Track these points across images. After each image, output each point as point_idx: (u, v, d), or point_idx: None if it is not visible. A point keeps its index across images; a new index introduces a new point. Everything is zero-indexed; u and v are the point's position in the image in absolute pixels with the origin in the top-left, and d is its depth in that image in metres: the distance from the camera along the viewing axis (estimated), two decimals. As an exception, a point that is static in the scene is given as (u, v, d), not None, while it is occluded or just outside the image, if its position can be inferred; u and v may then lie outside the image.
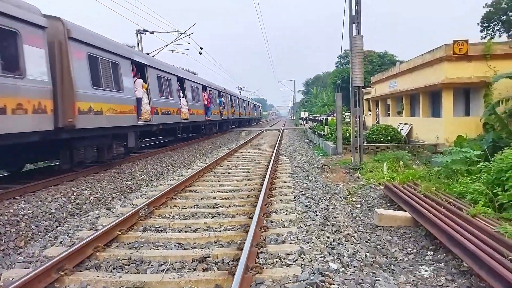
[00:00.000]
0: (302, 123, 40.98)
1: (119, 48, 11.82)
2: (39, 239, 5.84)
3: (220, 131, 27.50)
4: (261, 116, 72.78)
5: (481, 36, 32.54)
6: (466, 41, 14.74)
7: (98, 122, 9.90)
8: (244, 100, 44.35)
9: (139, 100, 12.73)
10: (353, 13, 11.07)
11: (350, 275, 3.79)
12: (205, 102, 21.85)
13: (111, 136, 11.28)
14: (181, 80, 18.24)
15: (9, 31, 7.21)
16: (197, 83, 21.55)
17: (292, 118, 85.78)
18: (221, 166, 12.05)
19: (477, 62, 14.77)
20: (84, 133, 9.61)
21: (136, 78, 13.01)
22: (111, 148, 11.36)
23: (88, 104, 9.43)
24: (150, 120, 13.72)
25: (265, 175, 8.98)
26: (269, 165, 10.60)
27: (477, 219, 5.65)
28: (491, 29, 37.41)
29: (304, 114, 43.27)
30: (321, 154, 15.96)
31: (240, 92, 61.66)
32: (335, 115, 22.60)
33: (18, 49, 7.40)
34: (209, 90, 23.79)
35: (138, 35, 22.04)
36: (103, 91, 10.33)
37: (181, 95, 17.92)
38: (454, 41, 14.73)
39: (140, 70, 13.84)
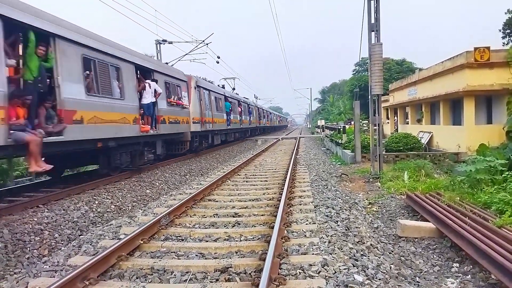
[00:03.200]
0: (319, 131, 40.76)
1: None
2: (63, 247, 5.92)
3: (274, 130, 52.77)
4: (288, 124, 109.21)
5: (503, 43, 31.77)
6: (488, 47, 14.47)
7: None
8: (281, 115, 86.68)
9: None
10: (372, 21, 11.01)
11: (376, 287, 3.72)
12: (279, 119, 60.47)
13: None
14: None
15: None
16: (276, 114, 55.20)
17: (308, 126, 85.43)
18: (238, 175, 12.05)
19: (500, 69, 14.47)
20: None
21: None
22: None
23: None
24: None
25: (284, 184, 8.92)
26: (287, 174, 10.56)
27: (504, 230, 5.50)
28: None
29: (321, 122, 42.95)
30: (339, 163, 15.83)
31: (257, 100, 62.47)
32: (352, 123, 22.43)
33: None
34: (279, 116, 62.54)
35: (158, 45, 22.38)
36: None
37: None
38: (475, 48, 14.48)
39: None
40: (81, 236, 6.41)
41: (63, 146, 8.11)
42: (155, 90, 12.09)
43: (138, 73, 11.86)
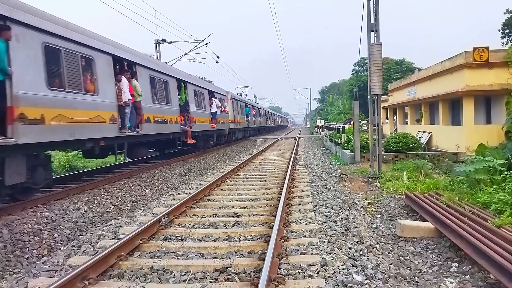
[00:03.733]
0: (318, 131, 40.77)
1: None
2: (62, 247, 5.92)
3: (277, 129, 59.08)
4: (288, 124, 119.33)
5: (502, 43, 31.77)
6: (487, 48, 14.49)
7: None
8: (282, 116, 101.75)
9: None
10: (372, 21, 11.02)
11: (375, 287, 3.73)
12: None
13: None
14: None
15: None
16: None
17: (308, 126, 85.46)
18: (238, 174, 12.06)
19: (499, 69, 14.49)
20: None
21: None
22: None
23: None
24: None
25: (283, 184, 8.94)
26: (286, 174, 10.57)
27: (503, 230, 5.50)
28: (512, 36, 36.39)
29: (320, 122, 42.91)
30: (338, 163, 15.83)
31: (256, 100, 62.56)
32: (351, 123, 22.44)
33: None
34: (280, 116, 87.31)
35: (157, 44, 22.38)
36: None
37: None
38: (474, 48, 14.49)
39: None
40: (80, 236, 6.41)
41: (192, 133, 15.95)
42: (216, 104, 20.29)
43: (208, 94, 20.06)
